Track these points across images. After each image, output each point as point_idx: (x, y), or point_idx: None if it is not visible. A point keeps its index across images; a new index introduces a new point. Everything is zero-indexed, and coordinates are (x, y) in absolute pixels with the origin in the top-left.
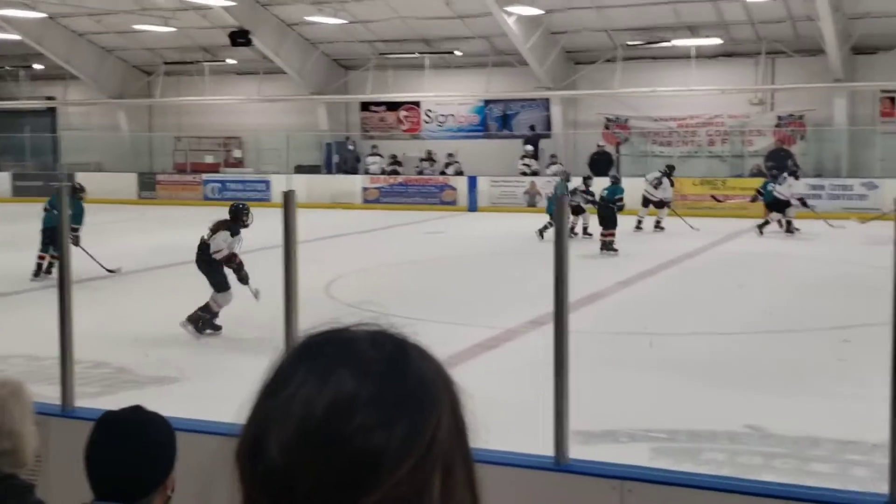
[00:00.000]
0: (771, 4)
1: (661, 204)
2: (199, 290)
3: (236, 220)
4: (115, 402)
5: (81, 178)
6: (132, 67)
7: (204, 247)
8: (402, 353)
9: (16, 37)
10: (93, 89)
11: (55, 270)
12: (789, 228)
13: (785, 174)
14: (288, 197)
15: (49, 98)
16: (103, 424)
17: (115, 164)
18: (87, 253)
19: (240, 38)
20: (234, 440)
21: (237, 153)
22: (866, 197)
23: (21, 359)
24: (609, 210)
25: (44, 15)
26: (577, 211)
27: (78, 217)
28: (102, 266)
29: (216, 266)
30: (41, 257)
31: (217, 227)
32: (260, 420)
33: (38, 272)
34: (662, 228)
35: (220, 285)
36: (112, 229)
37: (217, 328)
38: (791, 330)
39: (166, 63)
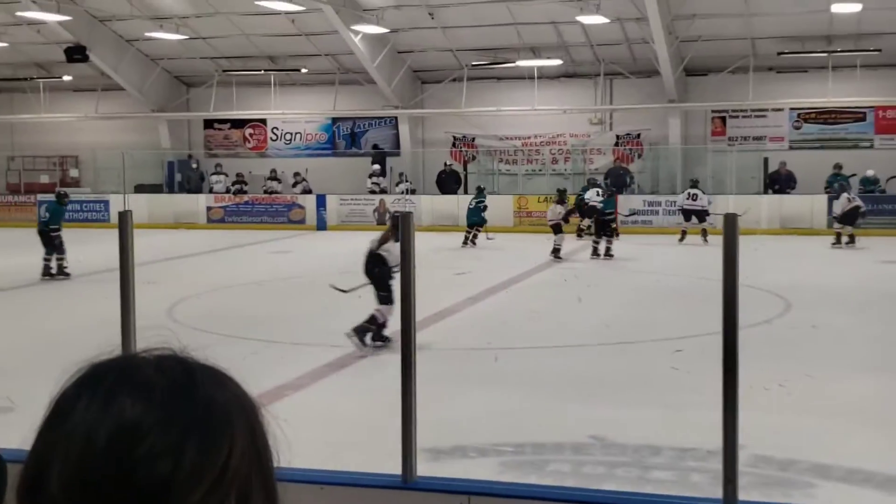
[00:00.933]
0: (608, 27)
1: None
2: (34, 314)
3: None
4: None
5: None
6: None
7: (377, 258)
8: (189, 378)
9: None
10: None
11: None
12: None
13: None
14: (123, 217)
15: None
16: None
17: None
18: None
19: (76, 53)
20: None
21: (74, 172)
22: None
23: None
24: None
25: None
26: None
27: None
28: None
29: (389, 278)
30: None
31: (386, 238)
32: (40, 453)
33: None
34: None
35: (387, 298)
36: None
37: (386, 339)
38: (628, 341)
39: None
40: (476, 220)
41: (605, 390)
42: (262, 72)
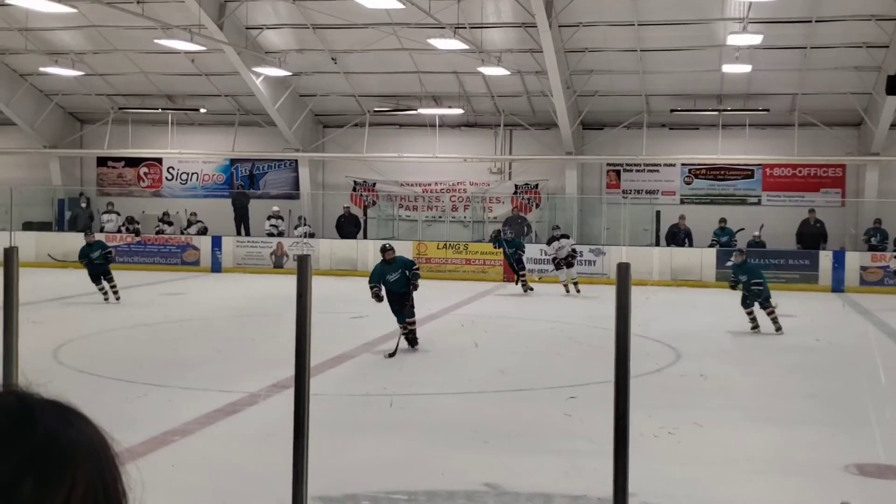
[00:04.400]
0: (509, 79)
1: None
2: None
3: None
4: None
5: None
6: None
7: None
8: (27, 415)
9: None
10: None
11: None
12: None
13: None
14: (9, 254)
15: None
16: None
17: None
18: None
19: None
20: None
21: None
22: (594, 262)
23: None
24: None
25: None
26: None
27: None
28: None
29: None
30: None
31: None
32: None
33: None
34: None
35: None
36: None
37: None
38: (523, 388)
39: None
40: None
41: (500, 437)
42: (160, 110)
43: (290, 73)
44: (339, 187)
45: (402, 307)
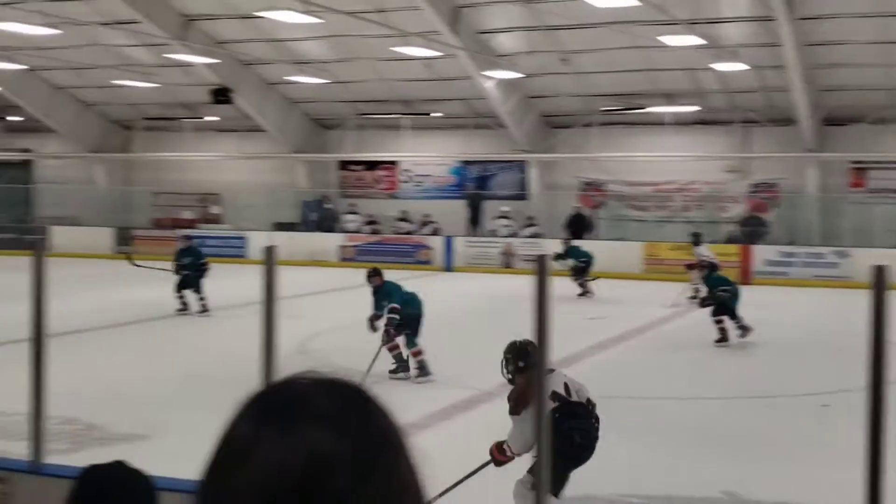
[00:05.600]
0: (745, 74)
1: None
2: (172, 346)
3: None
4: (84, 458)
5: (57, 231)
6: (111, 122)
7: None
8: (363, 407)
9: None
10: (70, 142)
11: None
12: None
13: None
14: (269, 252)
15: (25, 150)
16: (87, 478)
17: (92, 219)
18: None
19: (221, 95)
20: None
21: (215, 209)
22: (837, 265)
23: None
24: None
25: (24, 67)
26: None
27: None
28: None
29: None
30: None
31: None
32: (230, 490)
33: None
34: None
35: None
36: (85, 284)
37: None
38: (765, 395)
39: (146, 118)
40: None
41: (738, 444)
42: (396, 115)
43: (520, 76)
44: (568, 188)
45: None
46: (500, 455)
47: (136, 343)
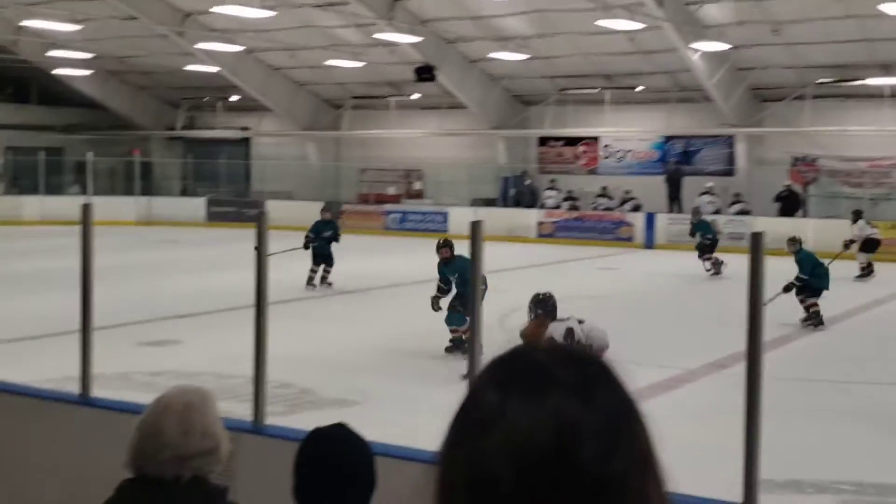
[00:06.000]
0: None
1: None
2: (378, 315)
3: None
4: (298, 421)
5: (272, 205)
6: (322, 101)
7: None
8: (605, 376)
9: (215, 69)
10: (285, 121)
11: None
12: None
13: None
14: (475, 227)
15: (244, 128)
16: (312, 440)
17: (304, 193)
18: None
19: (425, 73)
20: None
21: (418, 185)
22: None
23: (210, 376)
24: None
25: (242, 48)
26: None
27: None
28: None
29: None
30: (313, 270)
31: None
32: (477, 456)
33: (310, 282)
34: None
35: None
36: (296, 255)
37: None
38: None
39: (354, 97)
40: None
41: None
42: (598, 90)
43: (729, 47)
44: (777, 163)
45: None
46: None
47: (345, 313)
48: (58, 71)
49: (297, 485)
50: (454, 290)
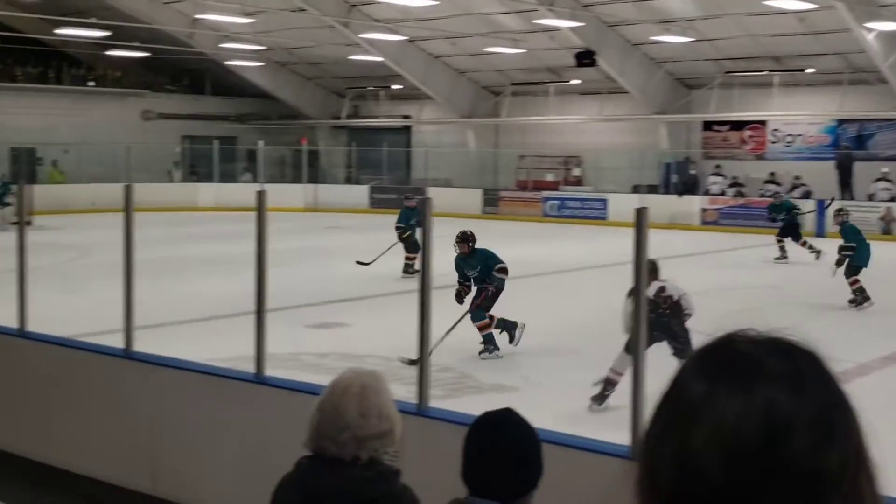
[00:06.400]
0: None
1: None
2: (537, 302)
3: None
4: (459, 405)
5: (432, 192)
6: (482, 88)
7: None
8: (816, 367)
9: (378, 59)
10: (445, 109)
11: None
12: None
13: None
14: (640, 214)
15: (405, 117)
16: (481, 424)
17: (463, 180)
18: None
19: (585, 58)
20: (629, 463)
21: (577, 172)
22: None
23: (375, 358)
24: None
25: (404, 38)
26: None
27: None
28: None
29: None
30: (410, 258)
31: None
32: (684, 448)
33: (407, 270)
34: None
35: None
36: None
37: None
38: None
39: (514, 84)
40: None
41: None
42: (766, 72)
43: None
44: None
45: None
46: None
47: (503, 299)
48: (231, 62)
49: (465, 467)
50: (474, 287)
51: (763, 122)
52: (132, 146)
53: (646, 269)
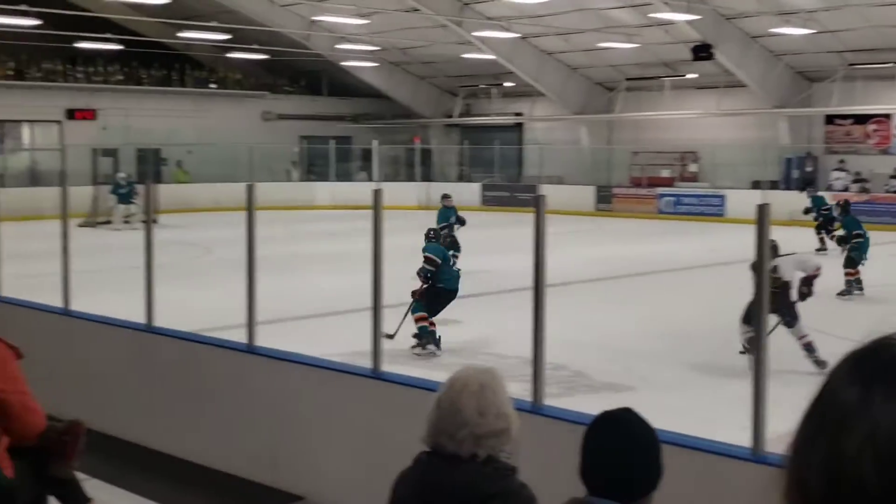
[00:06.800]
0: None
1: None
2: (651, 300)
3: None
4: (574, 403)
5: (543, 189)
6: (595, 84)
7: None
8: None
9: (490, 57)
10: (557, 105)
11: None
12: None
13: None
14: (762, 210)
15: (517, 114)
16: (600, 422)
17: (575, 177)
18: None
19: (702, 52)
20: (772, 470)
21: (693, 167)
22: None
23: (487, 356)
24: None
25: (517, 35)
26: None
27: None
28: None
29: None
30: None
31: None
32: (837, 456)
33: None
34: None
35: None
36: (567, 240)
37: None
38: None
39: (628, 79)
40: None
41: None
42: (891, 64)
43: None
44: None
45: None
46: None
47: (617, 297)
48: (346, 63)
49: (584, 466)
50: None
51: (888, 116)
52: (253, 147)
53: (768, 267)
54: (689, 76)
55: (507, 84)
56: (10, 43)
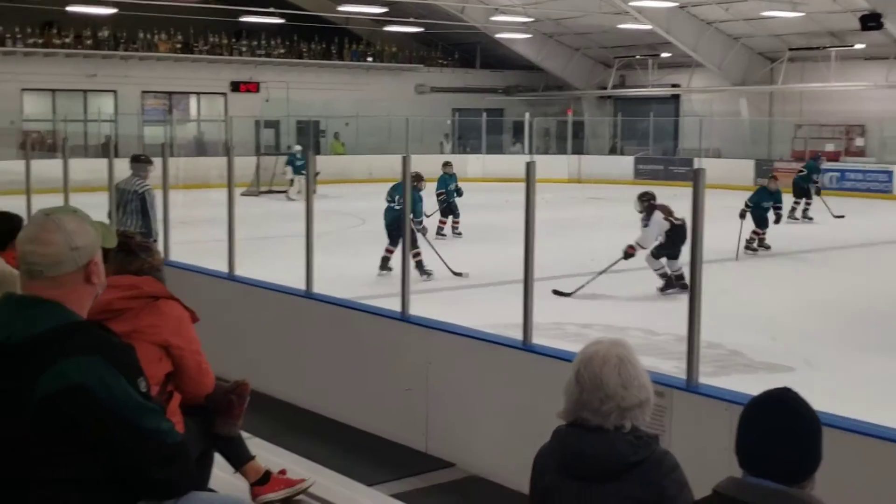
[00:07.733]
0: None
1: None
2: (814, 279)
3: None
4: (729, 383)
5: (700, 163)
6: (756, 54)
7: None
8: None
9: (647, 26)
10: (716, 76)
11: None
12: None
13: None
14: None
15: (674, 85)
16: (762, 403)
17: (734, 151)
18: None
19: (871, 21)
20: None
21: (859, 142)
22: None
23: (637, 331)
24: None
25: (674, 4)
26: None
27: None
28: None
29: None
30: (442, 222)
31: None
32: None
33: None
34: None
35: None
36: (721, 215)
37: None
38: None
39: (791, 49)
40: None
41: None
42: None
43: None
44: None
45: None
46: (630, 250)
47: (778, 275)
48: (500, 35)
49: (741, 446)
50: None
51: None
52: (408, 119)
53: None
54: (856, 46)
55: (663, 55)
56: (179, 17)
